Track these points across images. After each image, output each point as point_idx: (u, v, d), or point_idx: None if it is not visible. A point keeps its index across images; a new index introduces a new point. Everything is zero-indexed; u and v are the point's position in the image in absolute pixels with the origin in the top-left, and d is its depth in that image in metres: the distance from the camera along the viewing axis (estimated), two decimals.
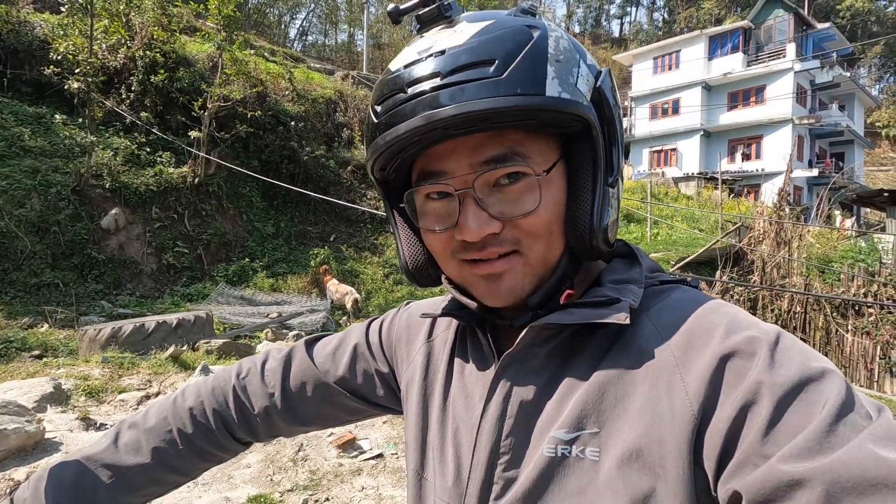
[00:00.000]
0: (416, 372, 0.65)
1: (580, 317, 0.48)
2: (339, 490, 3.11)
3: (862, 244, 11.94)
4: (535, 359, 0.52)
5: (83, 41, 7.96)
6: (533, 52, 0.45)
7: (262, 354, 0.77)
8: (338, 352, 0.73)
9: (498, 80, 0.44)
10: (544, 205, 0.48)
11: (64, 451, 3.01)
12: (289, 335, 6.25)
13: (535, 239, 0.49)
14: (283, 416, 0.72)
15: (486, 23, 0.47)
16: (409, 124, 0.45)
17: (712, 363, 0.42)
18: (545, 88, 0.44)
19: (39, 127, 8.51)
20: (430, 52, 0.46)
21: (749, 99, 22.07)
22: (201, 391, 0.73)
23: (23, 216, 7.19)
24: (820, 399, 0.38)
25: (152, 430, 0.68)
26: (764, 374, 0.40)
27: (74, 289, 7.15)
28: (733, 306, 0.49)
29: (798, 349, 0.42)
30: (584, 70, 0.48)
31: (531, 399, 0.51)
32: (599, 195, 0.49)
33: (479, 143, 0.47)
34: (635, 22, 48.77)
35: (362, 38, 34.27)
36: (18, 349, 4.91)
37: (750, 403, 0.39)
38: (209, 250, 9.15)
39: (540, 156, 0.48)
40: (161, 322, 5.39)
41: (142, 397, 4.08)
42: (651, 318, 0.49)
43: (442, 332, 0.67)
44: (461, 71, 0.44)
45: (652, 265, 0.57)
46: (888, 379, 8.41)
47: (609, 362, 0.48)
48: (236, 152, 10.30)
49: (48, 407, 3.60)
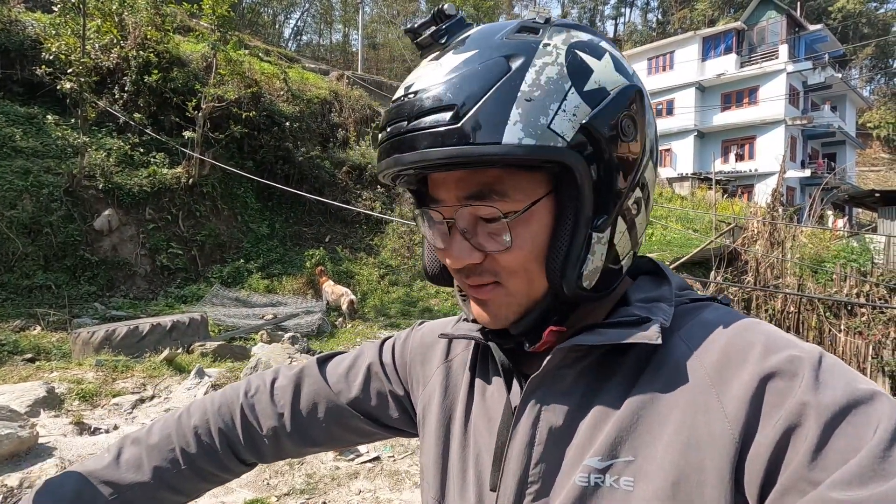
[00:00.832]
0: (433, 394, 0.63)
1: (609, 337, 0.46)
2: (337, 493, 3.10)
3: (854, 244, 12.04)
4: (563, 381, 0.50)
5: (75, 41, 7.89)
6: (499, 92, 0.43)
7: (271, 371, 0.75)
8: (351, 372, 0.71)
9: (452, 128, 0.43)
10: (518, 244, 0.47)
11: (58, 457, 2.98)
12: (284, 337, 6.22)
13: (512, 274, 0.49)
14: (292, 437, 0.70)
15: (468, 54, 0.46)
16: (385, 164, 0.48)
17: (752, 384, 0.41)
18: (502, 136, 0.42)
19: (31, 127, 8.43)
20: (409, 90, 0.47)
21: (742, 100, 22.23)
22: (207, 409, 0.70)
23: (14, 217, 7.12)
24: (871, 422, 0.36)
25: (155, 448, 0.67)
26: (808, 395, 0.38)
27: (67, 291, 7.09)
28: (769, 325, 0.47)
29: (842, 369, 0.41)
30: (569, 104, 0.44)
31: (561, 424, 0.49)
32: (580, 240, 0.46)
33: (461, 177, 0.47)
34: (629, 23, 48.96)
35: (357, 38, 34.21)
36: (11, 352, 4.86)
37: (794, 426, 0.37)
38: (203, 251, 9.09)
39: (520, 193, 0.46)
40: (155, 324, 5.36)
41: (136, 401, 4.05)
42: (683, 337, 0.47)
43: (461, 352, 0.65)
44: (423, 116, 0.44)
45: (681, 283, 0.55)
46: (881, 378, 8.49)
47: (642, 385, 0.46)
48: (231, 153, 10.24)
49: (41, 411, 3.56)
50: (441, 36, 0.48)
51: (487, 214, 0.47)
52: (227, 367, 4.99)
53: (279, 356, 5.19)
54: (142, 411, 3.95)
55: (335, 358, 0.74)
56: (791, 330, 9.63)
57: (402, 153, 0.45)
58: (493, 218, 0.47)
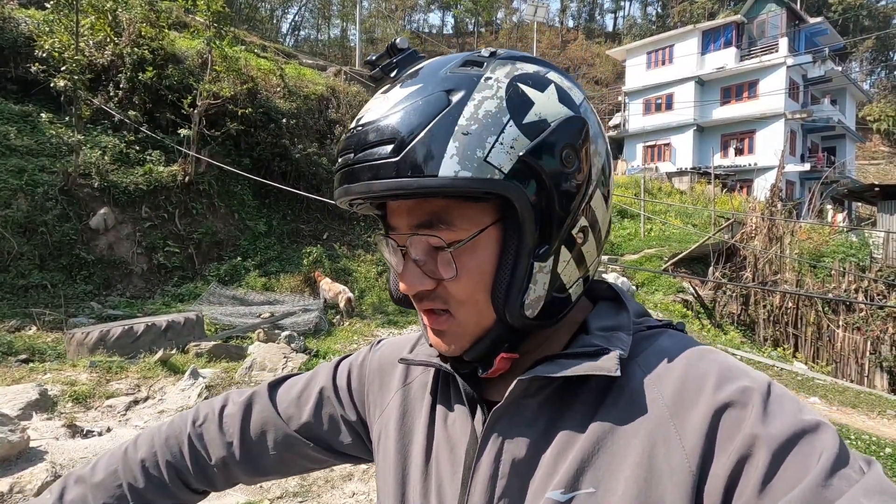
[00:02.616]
0: (390, 419, 0.62)
1: (568, 369, 0.47)
2: (330, 496, 3.09)
3: (853, 239, 12.02)
4: (526, 411, 0.50)
5: (69, 38, 7.82)
6: (437, 126, 0.44)
7: (221, 398, 0.73)
8: (303, 396, 0.69)
9: (393, 161, 0.44)
10: (465, 273, 0.48)
11: (49, 461, 2.97)
12: (281, 336, 6.20)
13: (461, 304, 0.49)
14: (241, 466, 0.68)
15: (413, 88, 0.47)
16: (337, 193, 0.50)
17: (707, 416, 0.42)
18: (438, 169, 0.43)
19: (25, 125, 8.37)
20: (359, 123, 0.48)
21: (742, 94, 22.14)
22: (154, 441, 0.69)
23: (9, 216, 7.08)
24: (815, 452, 0.38)
25: (100, 486, 0.64)
26: (758, 427, 0.40)
27: (63, 290, 7.06)
28: (721, 353, 0.49)
29: (789, 399, 0.43)
30: (507, 137, 0.44)
31: (524, 456, 0.49)
32: (521, 270, 0.47)
33: (411, 206, 0.49)
34: (629, 16, 48.70)
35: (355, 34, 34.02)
36: (5, 353, 4.83)
37: (746, 457, 0.39)
38: (200, 250, 9.06)
39: (466, 222, 0.47)
40: (150, 324, 5.33)
41: (130, 402, 4.04)
42: (641, 366, 0.48)
43: (420, 375, 0.63)
44: (368, 149, 0.46)
45: (638, 309, 0.56)
46: (878, 374, 8.49)
47: (602, 415, 0.47)
48: (227, 150, 10.19)
49: (33, 414, 3.55)
50: (391, 70, 0.50)
51: (434, 243, 0.48)
52: (222, 368, 4.97)
53: (275, 356, 5.18)
54: (135, 413, 3.94)
55: (288, 381, 0.73)
56: (789, 326, 9.63)
57: (351, 184, 0.47)
58: (440, 247, 0.48)
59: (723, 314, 9.95)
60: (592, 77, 39.16)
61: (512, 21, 46.18)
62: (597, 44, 42.95)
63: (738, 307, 10.00)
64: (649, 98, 24.15)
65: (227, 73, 9.55)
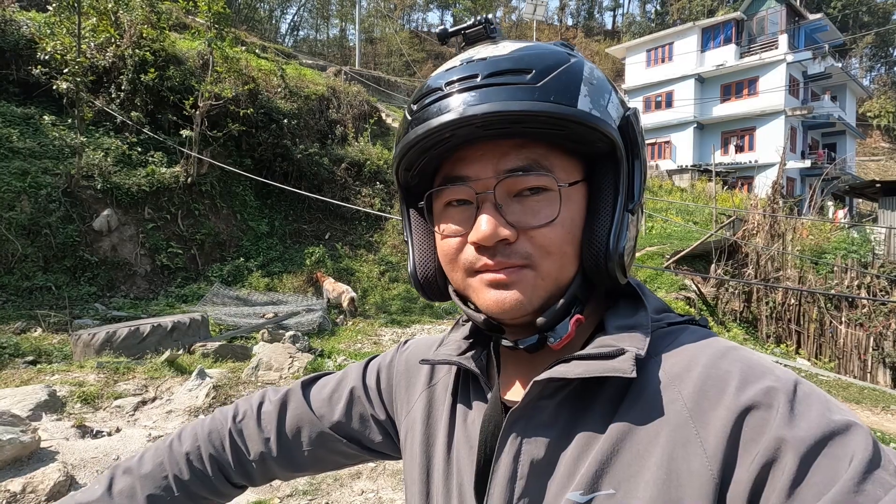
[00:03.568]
0: (416, 419, 0.63)
1: (585, 370, 0.46)
2: (339, 494, 3.11)
3: (854, 235, 12.02)
4: (544, 413, 0.50)
5: (71, 40, 7.83)
6: (569, 70, 0.48)
7: (258, 395, 0.75)
8: (334, 395, 0.71)
9: (534, 86, 0.45)
10: (561, 220, 0.48)
11: (60, 461, 2.98)
12: (285, 336, 6.21)
13: (547, 255, 0.48)
14: (278, 461, 0.70)
15: (527, 43, 0.50)
16: (444, 118, 0.46)
17: (730, 419, 0.41)
18: (577, 102, 0.46)
19: (28, 128, 8.39)
20: (471, 59, 0.49)
21: (742, 91, 22.11)
22: (198, 435, 0.71)
23: (13, 219, 7.10)
24: (845, 455, 0.37)
25: (147, 477, 0.66)
26: (784, 430, 0.38)
27: (67, 292, 7.08)
28: (745, 349, 0.47)
29: (817, 398, 0.41)
30: (614, 99, 0.50)
31: (543, 457, 0.48)
32: (618, 218, 0.49)
33: (505, 151, 0.48)
34: (628, 14, 48.62)
35: (354, 33, 34.02)
36: (12, 355, 4.85)
37: (772, 461, 0.38)
38: (203, 250, 9.08)
39: (563, 171, 0.49)
40: (156, 325, 5.35)
41: (138, 402, 4.06)
42: (660, 365, 0.47)
43: (443, 377, 0.64)
44: (500, 75, 0.46)
45: (659, 305, 0.55)
46: (881, 370, 8.50)
47: (621, 416, 0.46)
48: (229, 151, 10.21)
49: (43, 415, 3.57)
50: (492, 32, 0.54)
51: (540, 182, 0.48)
52: (229, 368, 4.99)
53: (280, 356, 5.20)
54: (143, 413, 3.96)
55: (320, 380, 0.74)
56: (792, 322, 9.64)
57: (472, 105, 0.45)
58: (540, 189, 0.48)
59: (725, 311, 9.96)
60: None
61: (511, 19, 46.15)
62: (596, 42, 42.91)
63: (741, 304, 10.02)
64: (649, 96, 24.13)
65: (228, 74, 9.56)
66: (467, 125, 0.46)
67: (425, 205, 0.54)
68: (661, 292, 9.72)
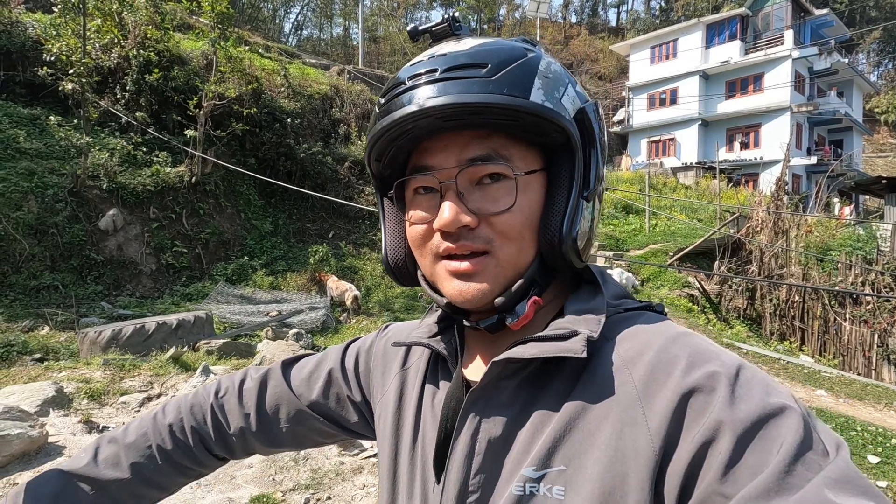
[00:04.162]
0: (389, 402, 0.65)
1: (540, 350, 0.48)
2: (341, 488, 3.14)
3: (860, 232, 11.95)
4: (503, 392, 0.52)
5: (76, 41, 7.91)
6: (524, 64, 0.50)
7: (240, 373, 0.78)
8: (313, 375, 0.74)
9: (488, 80, 0.48)
10: (519, 206, 0.51)
11: (67, 455, 3.04)
12: (289, 333, 6.27)
13: (507, 240, 0.51)
14: (257, 436, 0.73)
15: (488, 39, 0.53)
16: (404, 110, 0.49)
17: (674, 399, 0.43)
18: (530, 94, 0.48)
19: (34, 128, 8.48)
20: (433, 55, 0.51)
21: (747, 87, 21.97)
22: (181, 408, 0.74)
23: (20, 219, 7.19)
24: (778, 437, 0.38)
25: (132, 446, 0.70)
26: (724, 412, 0.40)
27: (74, 290, 7.17)
28: (696, 335, 0.49)
29: (758, 382, 0.43)
30: (570, 92, 0.52)
31: (500, 434, 0.50)
32: (573, 204, 0.52)
33: (466, 142, 0.51)
34: (632, 10, 48.38)
35: (357, 32, 34.05)
36: (20, 353, 4.92)
37: (710, 441, 0.40)
38: (208, 249, 9.16)
39: (522, 161, 0.52)
40: (161, 323, 5.41)
41: (143, 399, 4.11)
42: (614, 348, 0.49)
43: (416, 361, 0.66)
44: (457, 69, 0.49)
45: (618, 291, 0.57)
46: (886, 367, 8.46)
47: (575, 396, 0.48)
48: (233, 150, 10.28)
49: (50, 411, 3.62)
50: (457, 29, 0.56)
51: (498, 170, 0.51)
52: (233, 365, 5.04)
53: (284, 353, 5.24)
54: (149, 409, 4.01)
55: (301, 361, 0.77)
56: (796, 319, 9.61)
57: (432, 97, 0.48)
58: (500, 177, 0.51)
59: (729, 308, 9.94)
60: (596, 72, 38.97)
61: (514, 17, 46.03)
62: (600, 39, 42.73)
63: (745, 301, 9.98)
64: (653, 93, 24.03)
65: (232, 74, 9.62)
66: (427, 116, 0.48)
67: (395, 193, 0.57)
68: (664, 290, 9.71)
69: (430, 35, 0.57)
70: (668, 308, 8.92)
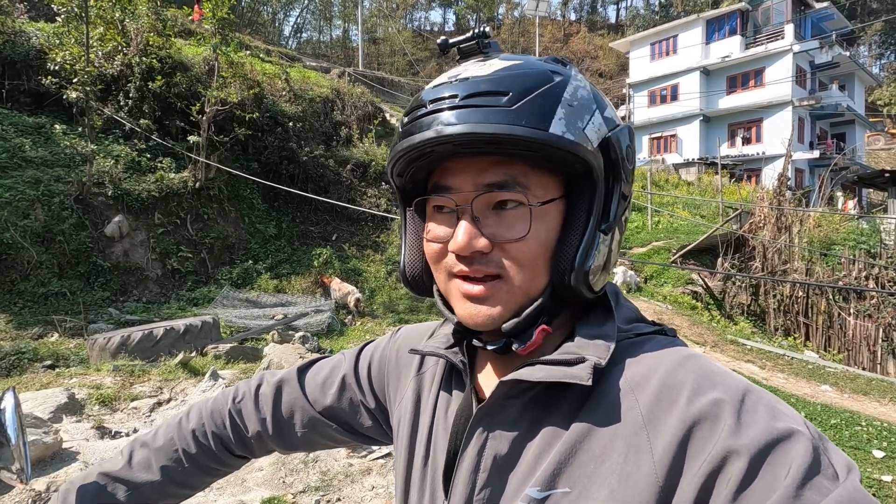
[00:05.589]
0: (407, 407, 0.66)
1: (546, 374, 0.49)
2: (350, 490, 3.19)
3: (864, 226, 11.92)
4: (510, 411, 0.53)
5: (79, 50, 7.97)
6: (547, 92, 0.49)
7: (256, 378, 0.82)
8: (327, 381, 0.76)
9: (507, 109, 0.47)
10: (533, 235, 0.50)
11: (81, 461, 3.09)
12: (295, 337, 6.32)
13: (520, 267, 0.51)
14: (274, 439, 0.77)
15: (515, 62, 0.52)
16: (423, 135, 0.49)
17: (679, 428, 0.43)
18: (549, 125, 0.48)
19: (40, 137, 8.56)
20: (457, 78, 0.51)
21: (748, 82, 21.93)
22: (202, 414, 0.78)
23: (27, 226, 7.26)
24: (786, 462, 0.38)
25: (161, 450, 0.75)
26: (730, 440, 0.40)
27: (82, 297, 7.24)
28: (703, 358, 0.49)
29: (764, 407, 0.43)
30: (597, 119, 0.51)
31: (506, 452, 0.51)
32: (588, 237, 0.51)
33: (485, 167, 0.50)
34: (631, 7, 48.38)
35: (357, 34, 34.09)
36: (31, 360, 4.99)
37: (717, 469, 0.40)
38: (212, 254, 9.22)
39: (541, 189, 0.51)
40: (169, 328, 5.47)
41: (154, 404, 4.17)
42: (622, 373, 0.49)
43: (432, 366, 0.67)
44: (477, 97, 0.48)
45: (630, 315, 0.57)
46: (891, 361, 8.45)
47: (581, 419, 0.48)
48: (235, 155, 10.33)
49: (63, 417, 3.68)
50: (486, 46, 0.54)
51: (514, 198, 0.50)
52: (241, 369, 5.09)
53: (290, 356, 5.29)
54: (160, 414, 4.07)
55: (315, 366, 0.80)
56: (800, 315, 9.60)
57: (451, 125, 0.48)
58: (517, 204, 0.50)
59: (733, 305, 9.94)
60: (596, 70, 38.93)
61: (513, 16, 46.01)
62: (600, 36, 42.67)
63: (748, 297, 9.98)
64: (654, 89, 24.01)
65: (234, 79, 9.68)
66: (445, 143, 0.49)
67: (415, 209, 0.60)
68: (667, 287, 9.73)
69: (458, 51, 0.56)
70: (671, 305, 8.96)
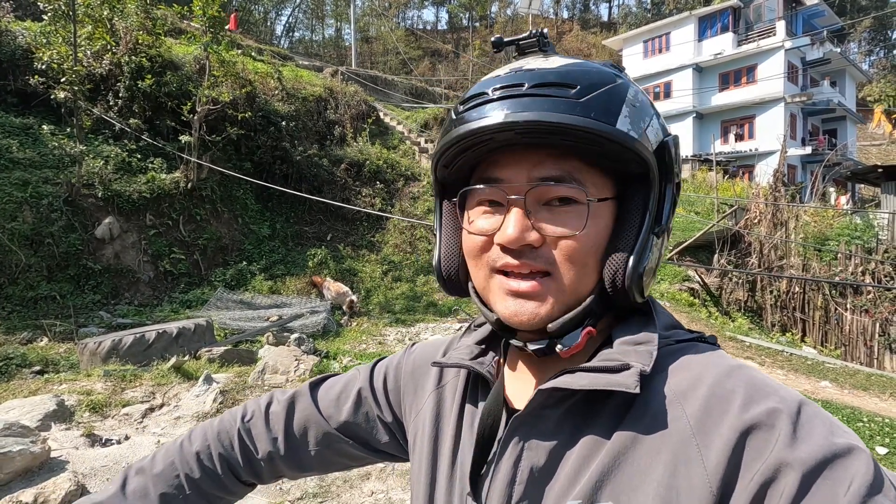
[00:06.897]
0: (425, 421, 0.64)
1: (590, 382, 0.47)
2: (349, 496, 3.11)
3: (858, 221, 11.98)
4: (548, 421, 0.50)
5: (67, 49, 7.83)
6: (613, 90, 0.49)
7: (266, 396, 0.77)
8: (342, 396, 0.72)
9: (576, 101, 0.47)
10: (587, 233, 0.49)
11: (70, 470, 2.99)
12: (290, 338, 6.22)
13: (570, 265, 0.49)
14: (286, 461, 0.72)
15: (577, 60, 0.52)
16: (486, 121, 0.48)
17: (732, 438, 0.41)
18: (616, 121, 0.47)
19: (27, 138, 8.40)
20: (520, 69, 0.50)
21: (740, 79, 22.02)
22: (207, 435, 0.73)
23: (15, 229, 7.12)
24: (846, 478, 0.37)
25: (160, 476, 0.68)
26: (785, 451, 0.39)
27: (72, 300, 7.10)
28: (751, 368, 0.47)
29: (821, 421, 0.41)
30: (655, 124, 0.52)
31: (543, 464, 0.49)
32: (643, 238, 0.50)
33: (540, 160, 0.49)
34: (624, 5, 48.43)
35: (350, 33, 33.92)
36: (19, 366, 4.87)
37: (770, 481, 0.38)
38: (206, 255, 9.10)
39: (594, 187, 0.50)
40: (161, 332, 5.36)
41: (146, 410, 4.07)
42: (666, 381, 0.47)
43: (452, 379, 0.65)
44: (545, 87, 0.48)
45: (668, 321, 0.55)
46: (888, 356, 8.48)
47: (624, 429, 0.46)
48: (228, 155, 10.21)
49: (52, 425, 3.58)
50: (545, 45, 0.55)
51: (571, 193, 0.49)
52: (235, 372, 5.00)
53: (286, 359, 5.20)
54: (152, 420, 3.97)
55: (328, 381, 0.76)
56: (797, 310, 9.63)
57: (518, 111, 0.47)
58: (574, 200, 0.49)
59: (730, 301, 9.95)
60: None
61: (506, 14, 45.96)
62: (592, 34, 42.73)
63: (745, 294, 10.00)
64: (647, 87, 24.03)
65: (225, 78, 9.55)
66: (508, 130, 0.47)
67: (458, 201, 0.56)
68: (664, 284, 9.71)
69: (517, 48, 0.56)
70: (668, 302, 8.94)
